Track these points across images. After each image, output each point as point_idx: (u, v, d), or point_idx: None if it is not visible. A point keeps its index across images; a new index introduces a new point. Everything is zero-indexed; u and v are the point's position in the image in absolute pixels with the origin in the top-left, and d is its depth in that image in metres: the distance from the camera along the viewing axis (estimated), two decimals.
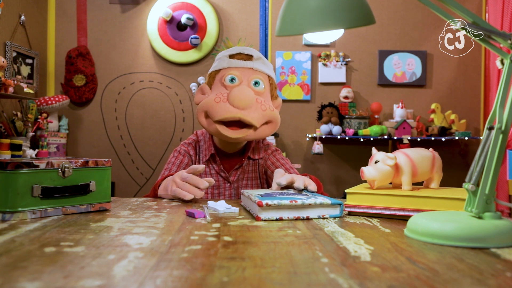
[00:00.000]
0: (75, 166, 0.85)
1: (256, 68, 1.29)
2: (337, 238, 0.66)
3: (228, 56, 1.31)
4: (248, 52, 1.31)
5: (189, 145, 1.41)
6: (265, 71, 1.31)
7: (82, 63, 3.39)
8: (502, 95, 0.65)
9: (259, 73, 1.29)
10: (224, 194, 1.38)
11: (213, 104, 1.23)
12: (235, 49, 1.33)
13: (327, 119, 3.25)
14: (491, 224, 0.62)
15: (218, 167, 1.38)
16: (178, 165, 1.37)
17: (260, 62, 1.31)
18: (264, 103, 1.25)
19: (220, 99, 1.23)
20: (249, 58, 1.30)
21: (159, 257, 0.54)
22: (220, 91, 1.26)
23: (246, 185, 1.40)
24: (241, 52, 1.31)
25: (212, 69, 1.34)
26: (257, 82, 1.27)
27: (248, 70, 1.28)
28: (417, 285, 0.44)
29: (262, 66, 1.31)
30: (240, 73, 1.27)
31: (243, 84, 1.25)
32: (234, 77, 1.26)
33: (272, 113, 1.27)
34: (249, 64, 1.29)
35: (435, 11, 0.68)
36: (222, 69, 1.30)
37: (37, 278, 0.45)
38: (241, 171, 1.40)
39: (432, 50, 3.47)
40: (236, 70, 1.28)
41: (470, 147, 3.49)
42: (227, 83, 1.26)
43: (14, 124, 2.77)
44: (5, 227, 0.71)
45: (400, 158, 0.90)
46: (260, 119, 1.23)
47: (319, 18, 0.74)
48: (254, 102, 1.22)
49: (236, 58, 1.30)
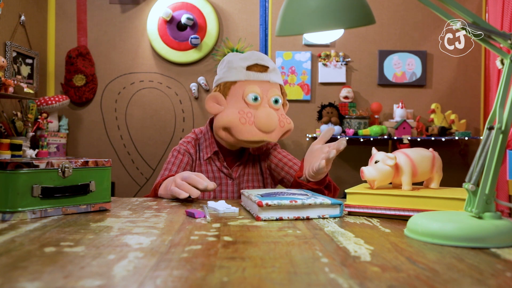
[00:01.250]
0: (75, 166, 0.85)
1: (273, 81, 1.31)
2: (337, 238, 0.66)
3: (246, 68, 1.30)
4: (264, 63, 1.31)
5: (188, 143, 1.40)
6: (279, 81, 1.34)
7: (82, 63, 3.39)
8: (502, 95, 0.65)
9: (275, 85, 1.32)
10: (226, 190, 1.39)
11: (238, 125, 1.24)
12: (251, 58, 1.31)
13: (327, 119, 3.25)
14: (491, 224, 0.62)
15: (221, 164, 1.38)
16: (178, 164, 1.36)
17: (274, 73, 1.33)
18: (282, 119, 1.30)
19: (246, 121, 1.25)
20: (265, 69, 1.31)
21: (159, 257, 0.54)
22: (243, 108, 1.26)
23: (247, 180, 1.41)
24: (257, 63, 1.30)
25: (226, 78, 1.31)
26: (277, 100, 1.30)
27: (265, 83, 1.30)
28: (417, 285, 0.44)
29: (276, 77, 1.33)
30: (260, 88, 1.28)
31: (265, 102, 1.28)
32: (257, 96, 1.27)
33: (289, 125, 1.33)
34: (265, 77, 1.30)
35: (435, 11, 0.68)
36: (239, 81, 1.29)
37: (37, 278, 0.45)
38: (243, 167, 1.41)
39: (432, 50, 3.47)
40: (255, 85, 1.28)
41: (470, 147, 3.49)
42: (250, 101, 1.27)
43: (14, 124, 2.77)
44: (5, 227, 0.71)
45: (400, 158, 0.90)
46: (279, 135, 1.32)
47: (319, 18, 0.74)
48: (278, 125, 1.28)
49: (253, 70, 1.30)
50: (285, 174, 1.40)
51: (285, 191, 1.01)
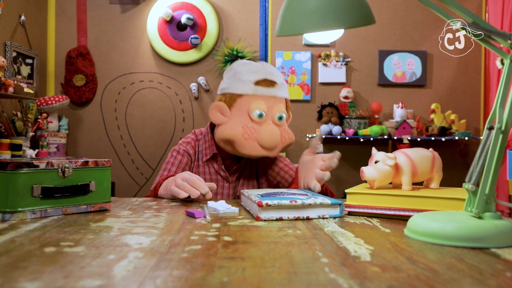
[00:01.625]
0: (75, 166, 0.85)
1: (279, 96, 1.31)
2: (337, 238, 0.66)
3: (254, 83, 1.28)
4: (273, 78, 1.30)
5: (188, 144, 1.40)
6: (285, 96, 1.34)
7: (82, 63, 3.39)
8: (502, 95, 0.65)
9: (281, 100, 1.32)
10: (222, 193, 1.38)
11: (241, 139, 1.25)
12: (259, 72, 1.30)
13: (327, 119, 3.25)
14: (491, 224, 0.62)
15: (219, 166, 1.38)
16: (177, 165, 1.36)
17: (282, 88, 1.33)
18: (284, 135, 1.31)
19: (249, 136, 1.25)
20: (272, 85, 1.30)
21: (159, 257, 0.54)
22: (246, 123, 1.27)
23: (242, 184, 1.40)
24: (266, 79, 1.29)
25: (233, 90, 1.30)
26: (281, 117, 1.30)
27: (272, 99, 1.30)
28: (417, 285, 0.44)
29: (284, 92, 1.34)
30: (266, 105, 1.28)
31: (269, 118, 1.28)
32: (263, 113, 1.27)
33: (290, 139, 1.33)
34: (273, 92, 1.30)
35: (435, 11, 0.68)
36: (246, 95, 1.28)
37: (37, 278, 0.45)
38: (240, 171, 1.40)
39: (432, 50, 3.47)
40: (262, 101, 1.28)
41: (470, 147, 3.49)
42: (255, 118, 1.27)
43: (14, 124, 2.77)
44: (5, 227, 0.71)
45: (400, 158, 0.90)
46: (280, 149, 1.32)
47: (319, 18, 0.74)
48: (280, 142, 1.29)
49: (261, 85, 1.29)
50: (280, 179, 1.41)
51: (285, 191, 1.01)
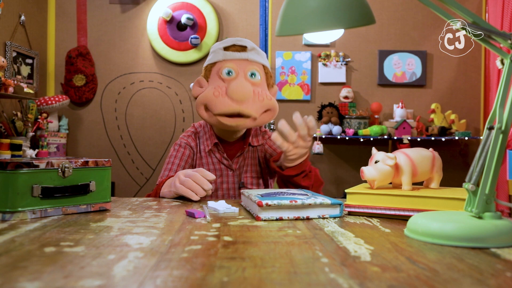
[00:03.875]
0: (75, 166, 0.85)
1: (251, 59, 1.30)
2: (337, 238, 0.66)
3: (223, 49, 1.32)
4: (242, 43, 1.32)
5: (188, 137, 1.43)
6: (260, 61, 1.33)
7: (82, 63, 3.39)
8: (502, 95, 0.65)
9: (255, 63, 1.31)
10: (227, 181, 1.39)
11: (212, 98, 1.25)
12: (229, 40, 1.34)
13: (327, 119, 3.25)
14: (491, 224, 0.62)
15: (221, 155, 1.39)
16: (180, 157, 1.38)
17: (254, 52, 1.32)
18: (261, 94, 1.27)
19: (219, 93, 1.24)
20: (243, 49, 1.31)
21: (159, 257, 0.54)
22: (218, 84, 1.27)
23: (246, 171, 1.41)
24: (235, 44, 1.32)
25: (207, 62, 1.35)
26: (254, 73, 1.29)
27: (244, 61, 1.29)
28: (417, 285, 0.44)
29: (257, 56, 1.32)
30: (236, 65, 1.28)
31: (240, 76, 1.27)
32: (231, 69, 1.27)
33: (270, 102, 1.29)
34: (244, 56, 1.30)
35: (435, 11, 0.68)
36: (218, 62, 1.30)
37: (37, 278, 0.45)
38: (242, 158, 1.41)
39: (432, 50, 3.47)
40: (231, 62, 1.29)
41: (470, 147, 3.49)
42: (224, 76, 1.27)
43: (14, 124, 2.77)
44: (5, 227, 0.71)
45: (400, 158, 0.90)
46: (258, 109, 1.27)
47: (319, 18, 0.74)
48: (252, 95, 1.25)
49: (230, 50, 1.31)
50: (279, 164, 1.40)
51: (285, 191, 1.01)
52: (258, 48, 1.35)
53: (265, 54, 1.38)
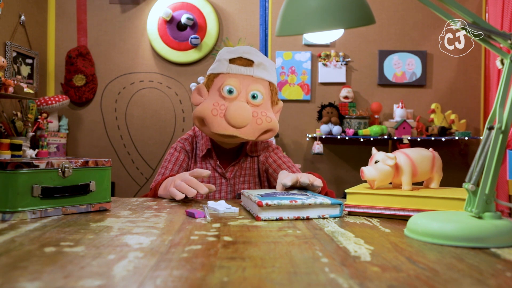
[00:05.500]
0: (75, 166, 0.85)
1: (256, 76, 1.25)
2: (337, 238, 0.66)
3: (228, 61, 1.26)
4: (250, 57, 1.26)
5: (185, 140, 1.41)
6: (266, 77, 1.27)
7: (82, 63, 3.39)
8: (502, 95, 0.65)
9: (259, 81, 1.25)
10: (220, 190, 1.36)
11: (210, 116, 1.21)
12: (237, 51, 1.27)
13: (327, 119, 3.25)
14: (491, 224, 0.62)
15: (214, 162, 1.36)
16: (174, 162, 1.36)
17: (261, 68, 1.26)
18: (260, 117, 1.22)
19: (218, 113, 1.20)
20: (249, 64, 1.25)
21: (159, 257, 0.54)
22: (218, 100, 1.23)
23: (243, 182, 1.38)
24: (242, 57, 1.26)
25: (210, 71, 1.30)
26: (255, 95, 1.23)
27: (248, 78, 1.24)
28: (417, 285, 0.44)
29: (263, 72, 1.27)
30: (239, 82, 1.23)
31: (241, 96, 1.22)
32: (233, 89, 1.22)
33: (269, 124, 1.24)
34: (249, 72, 1.24)
35: (435, 11, 0.68)
36: (221, 74, 1.26)
37: (37, 278, 0.45)
38: (238, 168, 1.38)
39: (432, 50, 3.47)
40: (235, 78, 1.24)
41: (470, 147, 3.49)
42: (225, 94, 1.22)
43: (14, 124, 2.77)
44: (5, 227, 0.71)
45: (400, 158, 0.90)
46: (256, 133, 1.23)
47: (319, 18, 0.74)
48: (251, 120, 1.21)
49: (236, 63, 1.25)
50: None
51: (285, 191, 1.00)
52: (267, 61, 1.28)
53: (273, 68, 1.32)
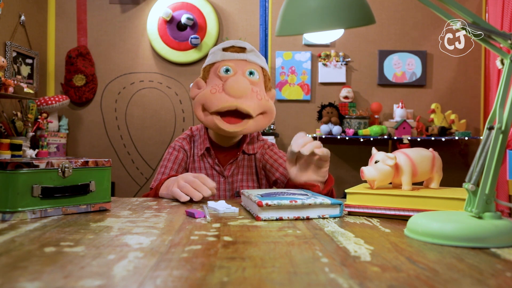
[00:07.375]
0: (75, 166, 0.85)
1: (250, 60, 1.31)
2: (337, 238, 0.66)
3: (222, 50, 1.32)
4: (241, 45, 1.32)
5: (183, 140, 1.42)
6: (259, 62, 1.33)
7: (82, 63, 3.39)
8: (502, 95, 0.65)
9: (253, 64, 1.31)
10: (218, 188, 1.37)
11: (209, 96, 1.24)
12: (228, 42, 1.34)
13: (327, 119, 3.25)
14: (491, 224, 0.62)
15: (212, 161, 1.38)
16: (174, 161, 1.37)
17: (253, 54, 1.32)
18: (259, 93, 1.27)
19: (216, 90, 1.24)
20: (242, 50, 1.32)
21: (159, 257, 0.54)
22: (216, 82, 1.27)
23: (241, 180, 1.39)
24: (234, 45, 1.32)
25: (205, 64, 1.35)
26: (252, 72, 1.28)
27: (242, 61, 1.30)
28: (417, 285, 0.44)
29: (256, 58, 1.33)
30: (235, 64, 1.29)
31: (238, 74, 1.27)
32: (229, 68, 1.28)
33: (268, 103, 1.29)
34: (242, 56, 1.30)
35: (435, 11, 0.68)
36: (216, 62, 1.31)
37: (37, 278, 0.45)
38: (236, 166, 1.39)
39: (432, 50, 3.47)
40: (230, 61, 1.29)
41: (470, 147, 3.49)
42: (222, 74, 1.27)
43: (14, 124, 2.77)
44: (5, 227, 0.71)
45: (400, 158, 0.90)
46: (256, 108, 1.25)
47: (319, 18, 0.74)
48: (250, 91, 1.24)
49: (229, 50, 1.32)
50: (279, 175, 1.36)
51: (285, 191, 1.00)
52: (257, 51, 1.35)
53: (264, 59, 1.39)
